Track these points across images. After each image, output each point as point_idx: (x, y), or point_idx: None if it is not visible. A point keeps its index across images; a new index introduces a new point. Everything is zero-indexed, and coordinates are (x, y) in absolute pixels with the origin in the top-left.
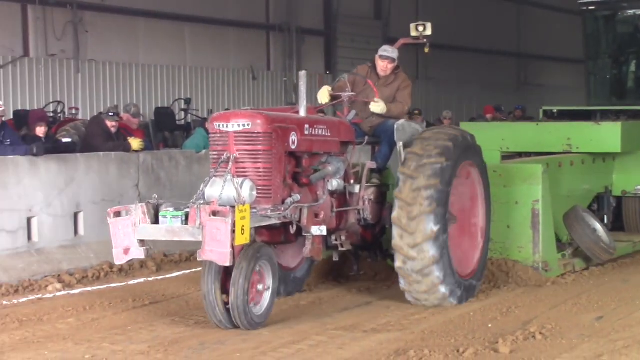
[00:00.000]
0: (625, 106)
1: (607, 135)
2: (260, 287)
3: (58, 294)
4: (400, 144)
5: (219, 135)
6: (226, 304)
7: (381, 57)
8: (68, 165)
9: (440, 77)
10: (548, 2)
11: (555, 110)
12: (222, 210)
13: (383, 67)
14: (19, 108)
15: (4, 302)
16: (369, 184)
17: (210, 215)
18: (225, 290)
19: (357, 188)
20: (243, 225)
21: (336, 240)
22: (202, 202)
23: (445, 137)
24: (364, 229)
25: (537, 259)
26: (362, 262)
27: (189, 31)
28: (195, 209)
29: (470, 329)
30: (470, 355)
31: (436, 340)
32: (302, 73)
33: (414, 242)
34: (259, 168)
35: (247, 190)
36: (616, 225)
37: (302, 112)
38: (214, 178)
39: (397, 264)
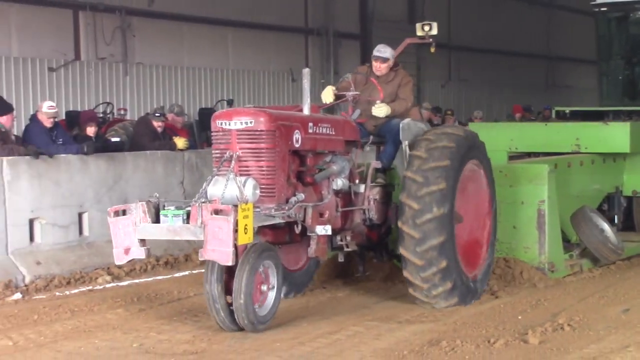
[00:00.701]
0: (637, 107)
1: (616, 135)
2: (264, 287)
3: (107, 285)
4: (405, 144)
5: (221, 133)
6: (230, 304)
7: (374, 57)
8: (116, 164)
9: (471, 79)
10: (577, 6)
11: (567, 111)
12: (224, 209)
13: (377, 67)
14: (71, 109)
15: (57, 293)
16: (374, 184)
17: (212, 214)
18: (228, 290)
19: (362, 187)
20: (246, 225)
21: (341, 240)
22: (203, 200)
23: (450, 136)
24: (370, 229)
25: (542, 259)
26: (368, 262)
27: (232, 35)
28: (197, 208)
29: (501, 321)
30: (500, 346)
31: (468, 331)
32: (306, 71)
33: (421, 246)
34: (262, 166)
35: (250, 189)
36: (627, 225)
37: (306, 111)
38: (216, 177)
39: (404, 267)
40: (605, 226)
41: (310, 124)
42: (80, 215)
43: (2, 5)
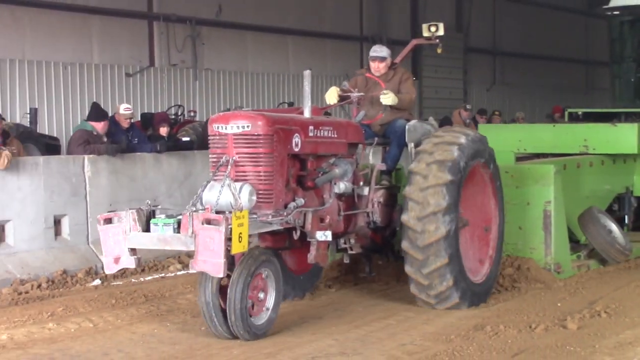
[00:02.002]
0: None
1: (624, 136)
2: (261, 295)
3: (178, 273)
4: (411, 145)
5: (217, 137)
6: (225, 312)
7: (371, 58)
8: (187, 161)
9: (515, 83)
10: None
11: (580, 113)
12: (216, 218)
13: (375, 67)
14: (145, 111)
15: (133, 280)
16: (378, 186)
17: (203, 224)
18: (225, 297)
19: (366, 190)
20: (241, 233)
21: (345, 243)
22: (195, 209)
23: (456, 138)
24: (374, 232)
25: (548, 260)
26: (375, 263)
27: (292, 42)
28: (187, 217)
29: (541, 307)
30: (541, 331)
31: (510, 317)
32: (307, 72)
33: (424, 244)
34: (260, 172)
35: (246, 195)
36: (637, 225)
37: (307, 113)
38: (212, 182)
39: (407, 266)
40: (613, 227)
41: (311, 127)
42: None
43: (84, 17)
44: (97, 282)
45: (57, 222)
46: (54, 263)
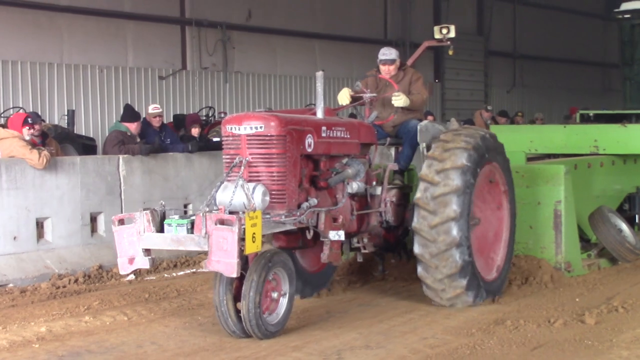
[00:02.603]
0: None
1: (634, 137)
2: (274, 294)
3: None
4: (422, 145)
5: (231, 138)
6: (239, 311)
7: (380, 61)
8: (217, 161)
9: (534, 84)
10: None
11: (591, 114)
12: (229, 219)
13: (385, 70)
14: (178, 112)
15: (165, 275)
16: (390, 186)
17: (216, 224)
18: (239, 297)
19: (378, 190)
20: (254, 233)
21: (358, 242)
22: (208, 209)
23: (466, 142)
24: (387, 231)
25: (559, 259)
26: (388, 262)
27: (318, 46)
28: (200, 217)
29: (560, 303)
30: (559, 325)
31: (530, 312)
32: (319, 74)
33: (437, 250)
34: (273, 172)
35: (259, 196)
36: None
37: (320, 114)
38: (225, 183)
39: (419, 271)
40: (623, 226)
41: (324, 128)
42: (185, 205)
43: (119, 22)
44: (132, 277)
45: (93, 220)
46: (90, 259)
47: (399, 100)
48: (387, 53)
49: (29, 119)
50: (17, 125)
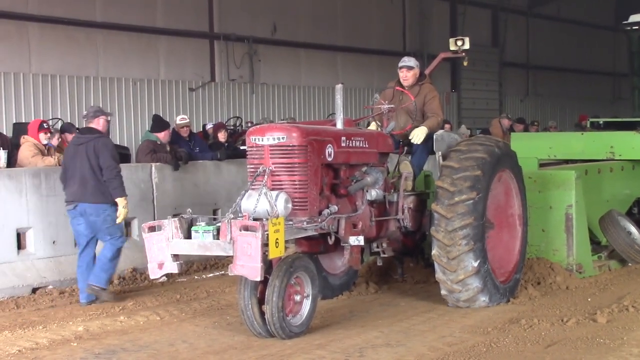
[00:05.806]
0: None
1: None
2: (297, 297)
3: None
4: (438, 154)
5: (255, 148)
6: (264, 314)
7: (400, 67)
8: (245, 168)
9: (547, 93)
10: None
11: (601, 122)
12: (253, 225)
13: (403, 76)
14: (207, 122)
15: (196, 277)
16: (408, 193)
17: (240, 230)
18: (264, 300)
19: (396, 197)
20: (277, 238)
21: (377, 247)
22: (232, 216)
23: (481, 147)
24: (405, 236)
25: (570, 261)
26: (407, 265)
27: (340, 59)
28: (226, 224)
29: (573, 302)
30: (572, 324)
31: (543, 311)
32: (339, 87)
33: (452, 257)
34: (295, 180)
35: (282, 203)
36: None
37: (339, 125)
38: (249, 191)
39: (437, 273)
40: (633, 229)
41: (343, 138)
42: (214, 211)
43: (152, 37)
44: (164, 279)
45: (127, 225)
46: (125, 261)
47: (418, 137)
48: (407, 60)
49: (44, 124)
50: (34, 131)
